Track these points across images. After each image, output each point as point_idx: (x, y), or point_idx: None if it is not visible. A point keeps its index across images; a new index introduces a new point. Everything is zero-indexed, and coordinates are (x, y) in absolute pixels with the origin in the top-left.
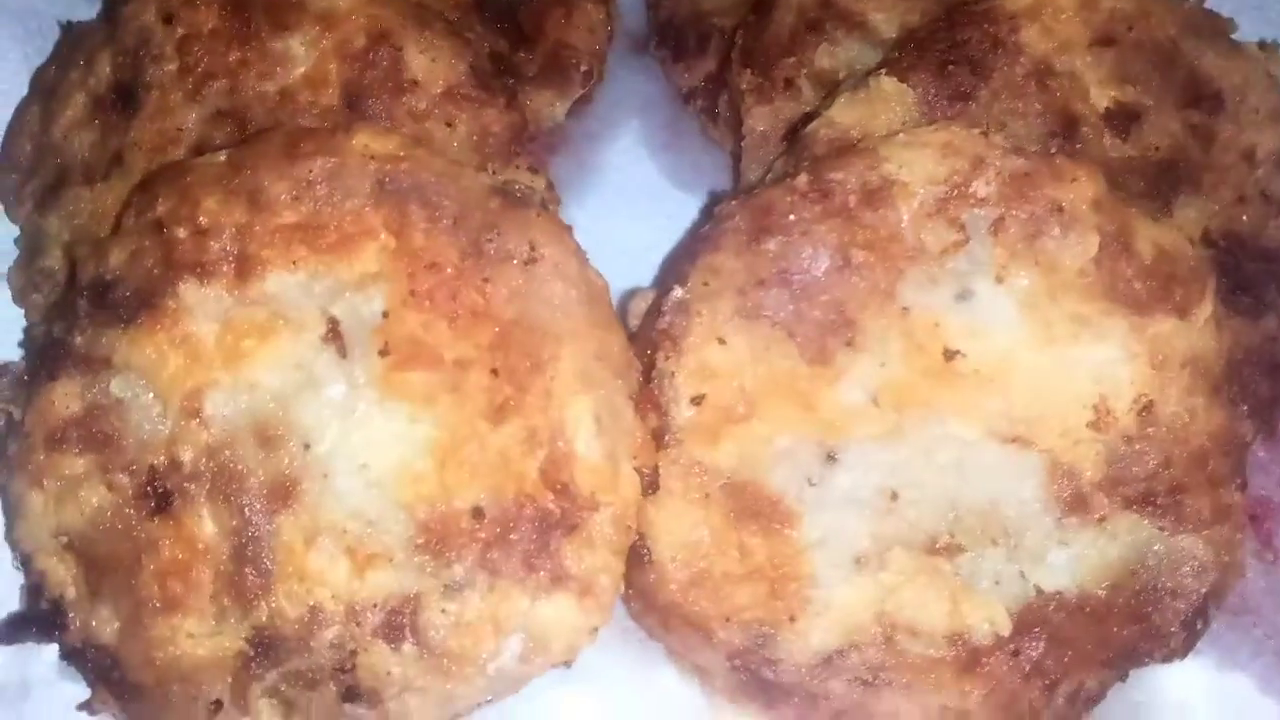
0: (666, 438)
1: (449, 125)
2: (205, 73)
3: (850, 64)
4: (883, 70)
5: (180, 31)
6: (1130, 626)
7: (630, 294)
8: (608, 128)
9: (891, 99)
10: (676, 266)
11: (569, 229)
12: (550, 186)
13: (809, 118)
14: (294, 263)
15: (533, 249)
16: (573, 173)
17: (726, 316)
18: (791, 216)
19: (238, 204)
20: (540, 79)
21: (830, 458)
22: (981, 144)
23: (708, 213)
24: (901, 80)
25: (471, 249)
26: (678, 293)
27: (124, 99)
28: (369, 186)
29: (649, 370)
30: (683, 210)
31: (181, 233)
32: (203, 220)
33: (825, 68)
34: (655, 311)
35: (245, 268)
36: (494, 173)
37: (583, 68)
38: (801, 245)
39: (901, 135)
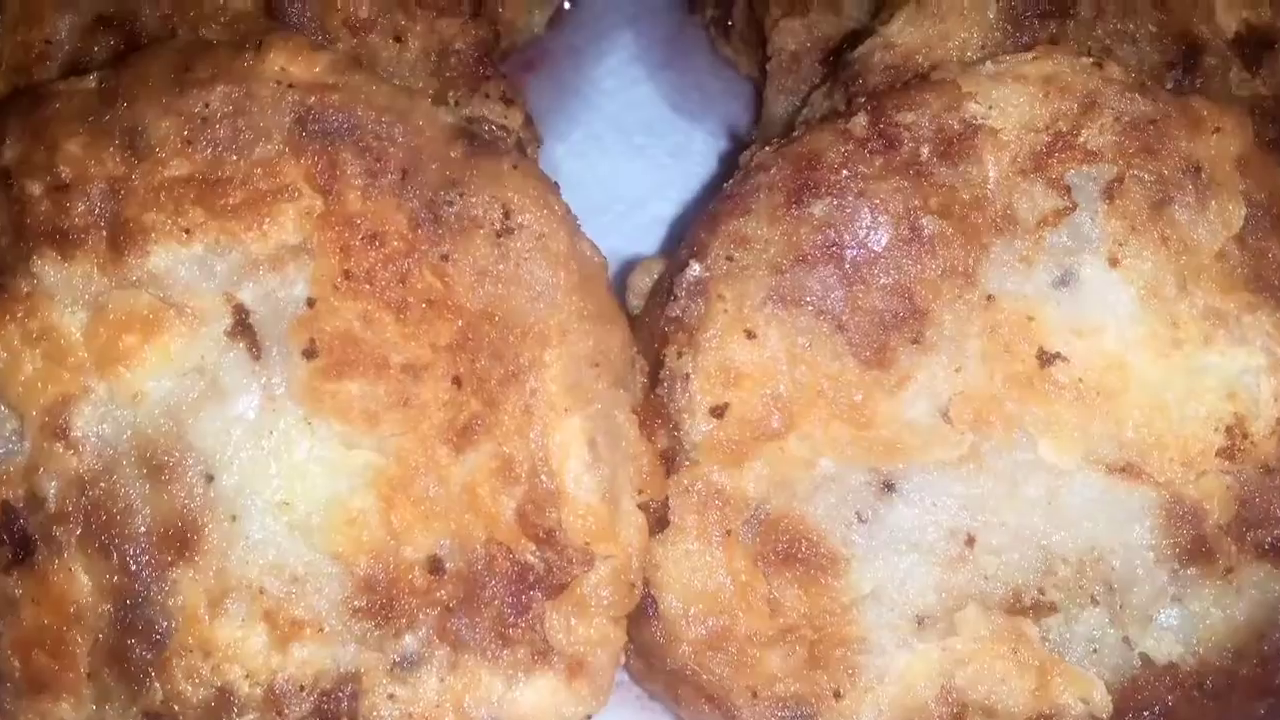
0: (678, 457)
1: (397, 40)
2: None
3: None
4: None
5: None
6: (1255, 703)
7: (631, 265)
8: (595, 41)
9: (968, 14)
10: (692, 233)
11: (555, 187)
12: (529, 122)
13: (856, 37)
14: (186, 231)
15: (507, 215)
16: (552, 98)
17: (757, 302)
18: (845, 172)
19: (110, 149)
20: None
21: (887, 487)
22: (1094, 78)
23: (729, 162)
24: None
25: (426, 214)
26: (694, 269)
27: None
28: (286, 126)
29: (656, 369)
30: (688, 145)
31: (36, 188)
32: (64, 171)
33: None
34: (665, 292)
35: (122, 237)
36: (456, 103)
37: None
38: (857, 210)
39: (988, 65)
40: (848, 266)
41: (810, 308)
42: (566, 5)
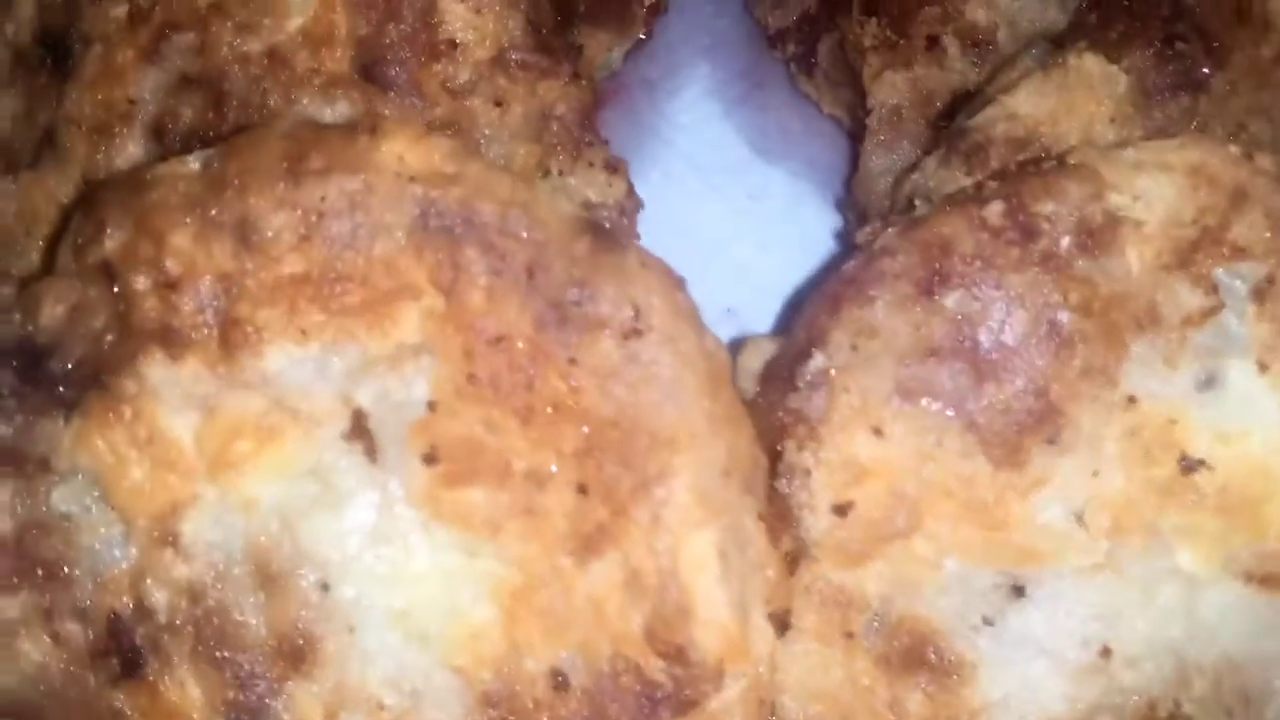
0: (799, 555)
1: (498, 105)
2: (164, 21)
3: (1012, 18)
4: (1080, 42)
5: None
6: None
7: (742, 344)
8: (670, 74)
9: (1097, 86)
10: (810, 315)
11: (681, 282)
12: (631, 191)
13: (967, 97)
14: (303, 331)
15: (636, 316)
16: (627, 134)
17: (883, 396)
18: (978, 262)
19: (220, 242)
20: (594, 16)
21: (1016, 592)
22: (1243, 170)
23: (809, 204)
24: (1110, 59)
25: (552, 315)
26: (817, 360)
27: (54, 55)
28: (407, 221)
29: (775, 459)
30: (767, 186)
31: (141, 283)
32: (171, 267)
33: (979, 22)
34: (783, 379)
35: (234, 337)
36: (560, 173)
37: (647, 1)
38: (992, 303)
39: (1130, 151)
40: (981, 362)
41: (940, 404)
42: (641, 36)
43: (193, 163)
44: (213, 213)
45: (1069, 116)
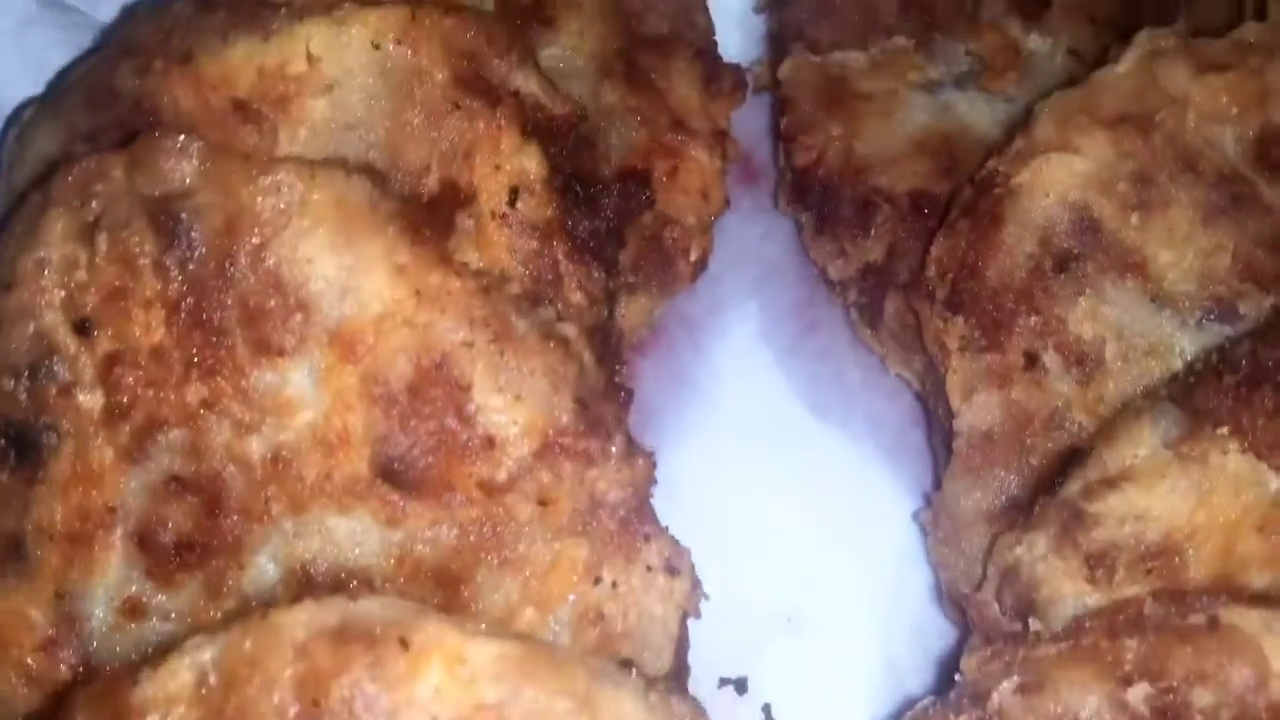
0: None
1: (543, 504)
2: (149, 418)
3: (1120, 330)
4: (1222, 427)
5: (105, 348)
6: None
7: None
8: (714, 312)
9: (1243, 489)
10: None
11: None
12: (696, 586)
13: (1077, 457)
14: None
15: None
16: (664, 389)
17: None
18: None
19: None
20: (634, 278)
21: None
22: None
23: (940, 683)
24: (1258, 453)
25: None
26: None
27: (19, 451)
28: None
29: None
30: (826, 461)
31: None
32: None
33: (1084, 335)
34: None
35: None
36: (614, 584)
37: (693, 256)
38: None
39: None
40: None
41: None
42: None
43: (185, 673)
44: None
45: (1209, 522)
